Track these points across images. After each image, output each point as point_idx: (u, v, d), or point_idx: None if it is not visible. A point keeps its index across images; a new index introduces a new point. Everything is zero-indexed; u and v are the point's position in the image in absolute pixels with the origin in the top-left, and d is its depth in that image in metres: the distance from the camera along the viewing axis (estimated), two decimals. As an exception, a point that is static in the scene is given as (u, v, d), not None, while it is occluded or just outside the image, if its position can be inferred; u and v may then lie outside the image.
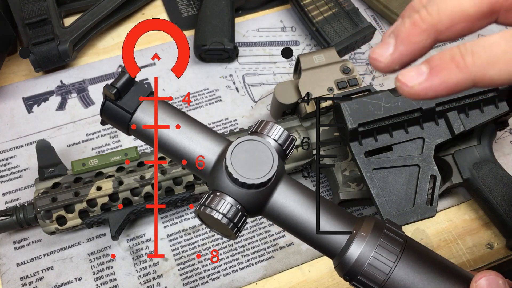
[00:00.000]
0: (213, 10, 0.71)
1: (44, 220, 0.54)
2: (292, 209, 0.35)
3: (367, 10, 0.79)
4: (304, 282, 0.58)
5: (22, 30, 0.68)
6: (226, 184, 0.34)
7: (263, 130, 0.36)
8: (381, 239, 0.33)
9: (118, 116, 0.37)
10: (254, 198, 0.34)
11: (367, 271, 0.32)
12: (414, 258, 0.33)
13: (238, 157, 0.34)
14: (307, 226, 0.34)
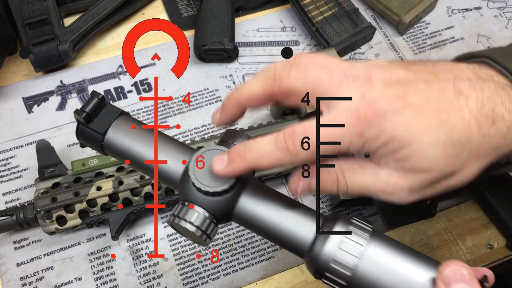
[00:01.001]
0: (213, 10, 0.71)
1: (44, 220, 0.54)
2: (258, 212, 0.36)
3: (367, 10, 0.79)
4: (304, 282, 0.58)
5: (22, 30, 0.68)
6: (193, 193, 0.36)
7: (229, 139, 0.38)
8: (345, 234, 0.33)
9: (91, 138, 0.39)
10: (220, 205, 0.35)
11: (333, 267, 0.32)
12: (381, 251, 0.33)
13: (201, 168, 0.36)
14: (274, 228, 0.35)
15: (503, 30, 0.77)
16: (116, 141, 0.39)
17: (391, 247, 0.33)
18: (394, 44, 0.76)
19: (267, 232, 0.36)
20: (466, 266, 0.30)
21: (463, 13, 0.79)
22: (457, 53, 0.77)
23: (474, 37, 0.77)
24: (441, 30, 0.77)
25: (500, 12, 0.79)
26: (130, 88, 0.70)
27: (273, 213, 0.36)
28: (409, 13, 0.74)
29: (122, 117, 0.40)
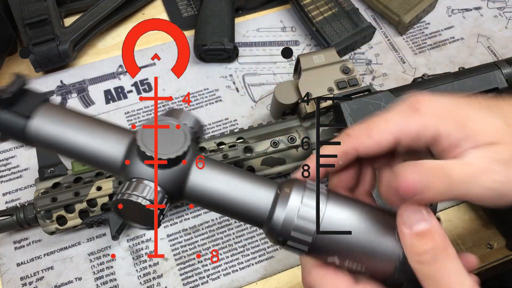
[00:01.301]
0: (213, 10, 0.71)
1: (44, 220, 0.54)
2: (211, 186, 0.34)
3: (367, 10, 0.79)
4: (304, 282, 0.58)
5: (22, 30, 0.68)
6: (142, 168, 0.33)
7: (176, 116, 0.35)
8: (305, 191, 0.33)
9: (12, 124, 0.34)
10: (171, 178, 0.34)
11: (298, 225, 0.32)
12: (338, 211, 0.33)
13: (149, 138, 0.33)
14: (231, 200, 0.34)
15: (503, 30, 0.77)
16: (45, 126, 0.34)
17: (348, 205, 0.33)
18: (394, 44, 0.76)
19: (221, 207, 0.34)
20: (424, 206, 0.30)
21: (463, 13, 0.79)
22: (457, 53, 0.77)
23: (474, 37, 0.77)
24: (441, 30, 0.77)
25: (500, 12, 0.79)
26: (130, 88, 0.70)
27: (228, 184, 0.34)
28: (409, 13, 0.74)
29: (49, 103, 0.36)
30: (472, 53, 0.75)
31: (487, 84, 0.56)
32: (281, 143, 0.58)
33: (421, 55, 0.75)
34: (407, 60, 0.74)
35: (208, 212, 0.61)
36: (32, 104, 0.35)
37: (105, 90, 0.70)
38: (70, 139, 0.34)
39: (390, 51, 0.75)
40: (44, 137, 0.34)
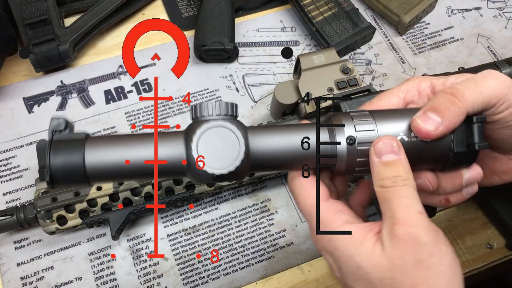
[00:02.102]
0: (213, 10, 0.71)
1: (44, 220, 0.54)
2: (272, 151, 0.36)
3: (367, 10, 0.79)
4: (304, 282, 0.58)
5: (23, 30, 0.68)
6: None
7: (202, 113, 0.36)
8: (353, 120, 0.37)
9: (72, 171, 0.33)
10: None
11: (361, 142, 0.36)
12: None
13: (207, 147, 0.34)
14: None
15: (503, 30, 0.77)
16: (100, 160, 0.34)
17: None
18: (394, 44, 0.76)
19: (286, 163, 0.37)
20: (395, 140, 0.35)
21: (462, 13, 0.79)
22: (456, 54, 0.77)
23: (473, 37, 0.77)
24: (440, 30, 0.78)
25: (500, 12, 0.79)
26: (130, 88, 0.70)
27: (278, 142, 0.36)
28: (409, 13, 0.74)
29: (91, 137, 0.35)
30: (472, 53, 0.75)
31: (487, 84, 0.56)
32: (281, 143, 0.58)
33: (421, 55, 0.75)
34: (407, 60, 0.74)
35: (208, 212, 0.61)
36: (78, 145, 0.34)
37: (105, 90, 0.70)
38: (134, 156, 0.34)
39: (390, 51, 0.75)
40: (104, 167, 0.34)
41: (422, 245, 0.32)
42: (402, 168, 0.34)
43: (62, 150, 0.33)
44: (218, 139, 0.34)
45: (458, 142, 0.35)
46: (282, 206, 0.62)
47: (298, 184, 0.37)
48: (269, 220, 0.61)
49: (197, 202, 0.62)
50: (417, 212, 0.33)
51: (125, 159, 0.34)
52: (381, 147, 0.35)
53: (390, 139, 0.35)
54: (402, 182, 0.34)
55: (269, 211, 0.62)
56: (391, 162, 0.34)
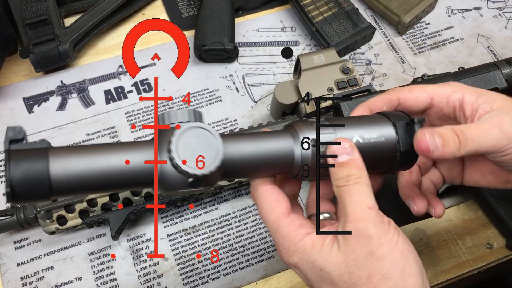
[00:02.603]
0: (213, 10, 0.71)
1: (44, 220, 0.54)
2: (245, 158, 0.37)
3: (367, 10, 0.79)
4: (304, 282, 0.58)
5: (23, 30, 0.68)
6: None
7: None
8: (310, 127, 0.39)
9: (35, 185, 0.29)
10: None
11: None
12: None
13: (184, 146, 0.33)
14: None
15: (503, 30, 0.77)
16: (67, 169, 0.30)
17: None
18: (394, 44, 0.76)
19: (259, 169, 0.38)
20: (348, 141, 0.37)
21: (462, 13, 0.79)
22: (456, 53, 0.77)
23: (473, 37, 0.77)
24: (440, 30, 0.78)
25: (500, 12, 0.79)
26: (130, 88, 0.70)
27: (257, 149, 0.37)
28: (409, 13, 0.74)
29: (53, 147, 0.32)
30: (471, 53, 0.75)
31: (487, 84, 0.56)
32: (281, 143, 0.58)
33: (421, 55, 0.75)
34: (407, 60, 0.74)
35: (208, 212, 0.61)
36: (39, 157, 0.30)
37: (105, 90, 0.70)
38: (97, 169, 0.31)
39: (390, 51, 0.75)
40: (70, 179, 0.31)
41: (371, 237, 0.34)
42: (355, 167, 0.36)
43: (23, 160, 0.29)
44: (196, 139, 0.33)
45: (403, 143, 0.39)
46: (282, 206, 0.62)
47: (261, 196, 0.39)
48: (269, 220, 0.61)
49: (197, 202, 0.62)
50: (366, 207, 0.35)
51: (97, 166, 0.31)
52: (335, 149, 0.37)
53: (342, 141, 0.37)
54: (354, 180, 0.36)
55: (269, 211, 0.62)
56: (344, 163, 0.36)
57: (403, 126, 0.39)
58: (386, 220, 0.36)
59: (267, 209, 0.38)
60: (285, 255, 0.38)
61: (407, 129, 0.39)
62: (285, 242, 0.37)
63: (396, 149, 0.39)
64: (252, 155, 0.37)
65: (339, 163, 0.37)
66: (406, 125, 0.39)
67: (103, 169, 0.31)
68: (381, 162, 0.40)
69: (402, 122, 0.39)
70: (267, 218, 0.38)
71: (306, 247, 0.36)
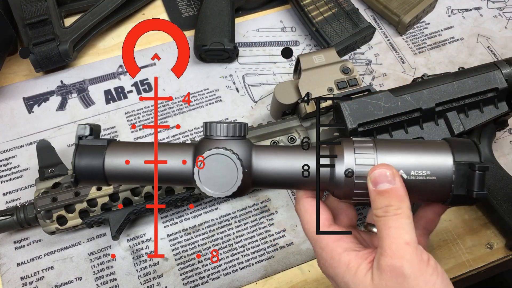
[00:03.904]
0: (213, 10, 0.71)
1: (44, 220, 0.54)
2: (274, 171, 0.38)
3: (367, 10, 0.79)
4: (304, 282, 0.58)
5: (23, 30, 0.68)
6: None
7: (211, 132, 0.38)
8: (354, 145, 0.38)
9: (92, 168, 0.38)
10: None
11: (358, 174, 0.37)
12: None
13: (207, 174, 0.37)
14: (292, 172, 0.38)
15: (503, 30, 0.77)
16: (116, 165, 0.38)
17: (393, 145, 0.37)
18: (394, 44, 0.76)
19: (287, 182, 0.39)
20: (390, 168, 0.35)
21: (462, 13, 0.79)
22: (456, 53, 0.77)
23: (473, 37, 0.77)
24: (440, 30, 0.78)
25: (500, 12, 0.79)
26: (130, 88, 0.70)
27: (286, 162, 0.38)
28: (409, 13, 0.74)
29: (114, 141, 0.39)
30: (471, 53, 0.75)
31: (487, 84, 0.56)
32: (281, 143, 0.58)
33: (421, 55, 0.75)
34: (407, 60, 0.74)
35: (208, 212, 0.61)
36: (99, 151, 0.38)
37: (105, 90, 0.70)
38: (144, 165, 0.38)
39: (390, 51, 0.75)
40: (120, 170, 0.38)
41: (406, 277, 0.32)
42: (396, 197, 0.34)
43: (86, 154, 0.37)
44: (218, 164, 0.36)
45: (458, 185, 0.35)
46: (282, 206, 0.62)
47: (302, 208, 0.39)
48: (269, 220, 0.61)
49: (197, 202, 0.62)
50: (404, 243, 0.33)
51: (139, 165, 0.38)
52: (376, 176, 0.35)
53: (384, 168, 0.35)
54: (393, 212, 0.34)
55: (269, 211, 0.62)
56: (384, 192, 0.35)
57: (464, 168, 0.35)
58: (425, 257, 0.34)
59: (308, 220, 0.38)
60: (323, 266, 0.37)
61: (468, 171, 0.35)
62: (323, 253, 0.37)
63: (449, 189, 0.36)
64: (283, 173, 0.37)
65: (379, 192, 0.35)
66: (468, 167, 0.35)
67: (145, 167, 0.38)
68: (426, 199, 0.38)
69: (465, 165, 0.35)
70: (308, 229, 0.38)
71: (342, 265, 0.35)
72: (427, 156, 0.36)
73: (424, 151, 0.36)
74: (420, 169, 0.36)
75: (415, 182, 0.36)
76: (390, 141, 0.38)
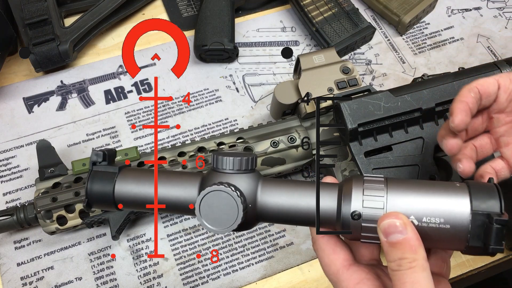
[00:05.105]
0: (213, 10, 0.71)
1: (44, 220, 0.54)
2: (281, 208, 0.37)
3: (367, 10, 0.79)
4: (304, 282, 0.58)
5: (23, 30, 0.68)
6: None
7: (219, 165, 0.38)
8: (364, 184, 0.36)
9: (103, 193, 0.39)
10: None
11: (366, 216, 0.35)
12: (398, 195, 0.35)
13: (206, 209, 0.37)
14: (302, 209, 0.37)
15: (503, 30, 0.77)
16: (124, 192, 0.39)
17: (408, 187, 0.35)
18: (394, 44, 0.76)
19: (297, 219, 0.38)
20: (400, 217, 0.33)
21: (462, 13, 0.79)
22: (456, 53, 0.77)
23: (473, 37, 0.77)
24: (440, 30, 0.78)
25: (500, 12, 0.79)
26: (130, 88, 0.70)
27: (299, 200, 0.37)
28: (409, 13, 0.74)
29: (126, 168, 0.41)
30: (471, 53, 0.75)
31: (487, 84, 0.56)
32: (281, 143, 0.58)
33: (421, 55, 0.75)
34: (407, 60, 0.74)
35: (208, 212, 0.61)
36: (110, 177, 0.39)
37: (105, 90, 0.70)
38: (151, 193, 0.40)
39: (390, 51, 0.75)
40: (128, 196, 0.39)
41: None
42: (409, 248, 0.32)
43: (98, 180, 0.39)
44: (219, 201, 0.36)
45: (474, 236, 0.33)
46: (282, 206, 0.62)
47: (319, 248, 0.37)
48: (269, 220, 0.61)
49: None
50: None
51: (146, 194, 0.40)
52: (385, 227, 0.33)
53: (393, 218, 0.33)
54: (407, 265, 0.32)
55: (269, 211, 0.62)
56: (396, 243, 0.32)
57: (482, 219, 0.32)
58: None
59: (326, 262, 0.37)
60: None
61: (485, 222, 0.32)
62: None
63: (465, 239, 0.33)
64: (290, 211, 0.37)
65: (390, 243, 0.32)
66: (486, 217, 0.32)
67: (151, 196, 0.40)
68: (438, 247, 0.36)
69: (483, 215, 0.32)
70: (327, 271, 0.37)
71: None
72: (442, 202, 0.33)
73: (440, 196, 0.34)
74: (433, 216, 0.33)
75: (426, 230, 0.33)
76: (403, 182, 0.35)
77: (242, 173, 0.37)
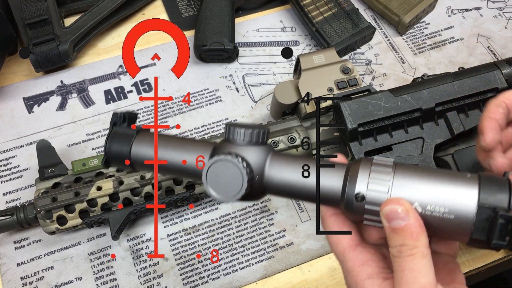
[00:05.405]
0: (213, 10, 0.71)
1: (44, 220, 0.54)
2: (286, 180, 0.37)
3: (367, 10, 0.79)
4: (304, 282, 0.58)
5: (23, 30, 0.68)
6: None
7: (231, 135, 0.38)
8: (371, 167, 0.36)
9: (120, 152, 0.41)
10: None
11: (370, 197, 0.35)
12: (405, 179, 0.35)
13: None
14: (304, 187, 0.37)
15: (503, 30, 0.77)
16: (138, 153, 0.40)
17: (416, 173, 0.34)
18: (394, 44, 0.76)
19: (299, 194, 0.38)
20: (403, 203, 0.32)
21: (462, 13, 0.79)
22: (456, 53, 0.77)
23: (473, 37, 0.77)
24: (440, 30, 0.78)
25: (500, 12, 0.79)
26: (130, 88, 0.70)
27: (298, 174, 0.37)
28: (409, 13, 0.74)
29: (142, 131, 0.42)
30: (472, 53, 0.75)
31: (487, 84, 0.56)
32: (281, 143, 0.58)
33: (421, 55, 0.75)
34: (407, 60, 0.74)
35: (208, 212, 0.61)
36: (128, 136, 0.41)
37: (105, 90, 0.70)
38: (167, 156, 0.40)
39: (390, 51, 0.75)
40: (143, 158, 0.40)
41: None
42: (410, 235, 0.32)
43: (116, 140, 0.41)
44: (225, 170, 0.36)
45: (478, 229, 0.32)
46: (282, 206, 0.62)
47: (328, 228, 0.38)
48: (269, 220, 0.61)
49: (197, 202, 0.62)
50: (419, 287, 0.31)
51: (161, 158, 0.40)
52: (387, 212, 0.33)
53: (395, 204, 0.32)
54: (407, 252, 0.32)
55: (269, 211, 0.62)
56: (398, 230, 0.32)
57: (487, 212, 0.32)
58: None
59: (334, 241, 0.37)
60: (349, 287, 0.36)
61: (490, 216, 0.32)
62: (348, 277, 0.36)
63: (469, 231, 0.32)
64: (295, 186, 0.37)
65: (392, 229, 0.32)
66: (492, 211, 0.32)
67: (165, 160, 0.40)
68: (440, 237, 0.36)
69: (488, 209, 0.32)
70: (334, 250, 0.37)
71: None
72: (449, 192, 0.33)
73: (448, 185, 0.33)
74: (437, 205, 0.33)
75: (428, 219, 0.33)
76: (413, 168, 0.35)
77: (253, 145, 0.38)
